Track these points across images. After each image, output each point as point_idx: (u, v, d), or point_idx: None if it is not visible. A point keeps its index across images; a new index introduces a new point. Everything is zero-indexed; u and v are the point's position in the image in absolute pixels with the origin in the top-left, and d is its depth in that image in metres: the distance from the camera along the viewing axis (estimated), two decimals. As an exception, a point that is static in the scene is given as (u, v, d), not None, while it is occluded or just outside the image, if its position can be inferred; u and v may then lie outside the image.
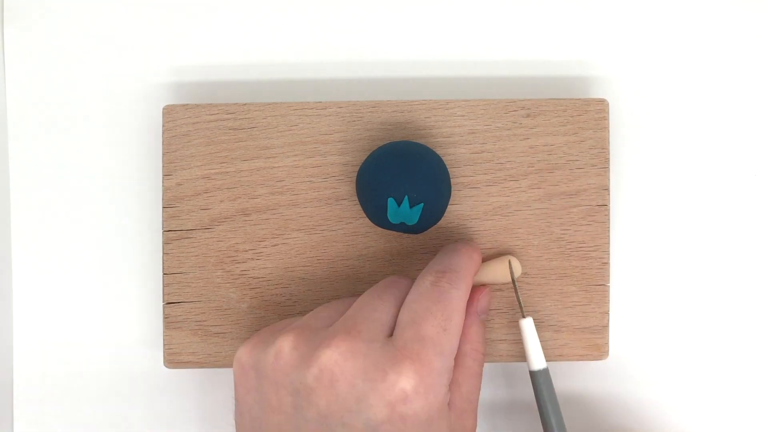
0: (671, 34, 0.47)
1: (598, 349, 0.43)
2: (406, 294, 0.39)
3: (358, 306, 0.38)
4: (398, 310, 0.38)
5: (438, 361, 0.36)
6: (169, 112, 0.44)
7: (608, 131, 0.44)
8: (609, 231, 0.44)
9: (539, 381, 0.41)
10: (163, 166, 0.44)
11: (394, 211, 0.40)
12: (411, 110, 0.44)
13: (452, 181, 0.43)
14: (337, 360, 0.36)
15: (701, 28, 0.47)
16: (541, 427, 0.43)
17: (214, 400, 0.46)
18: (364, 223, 0.44)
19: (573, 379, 0.46)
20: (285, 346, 0.37)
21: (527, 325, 0.42)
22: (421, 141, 0.44)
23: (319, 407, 0.36)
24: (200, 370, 0.46)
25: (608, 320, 0.43)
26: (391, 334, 0.37)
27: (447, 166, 0.42)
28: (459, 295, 0.38)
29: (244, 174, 0.44)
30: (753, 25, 0.47)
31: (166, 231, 0.44)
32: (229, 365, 0.43)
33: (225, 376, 0.46)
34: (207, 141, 0.44)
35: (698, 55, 0.47)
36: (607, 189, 0.44)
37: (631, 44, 0.47)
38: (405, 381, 0.35)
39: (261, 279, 0.44)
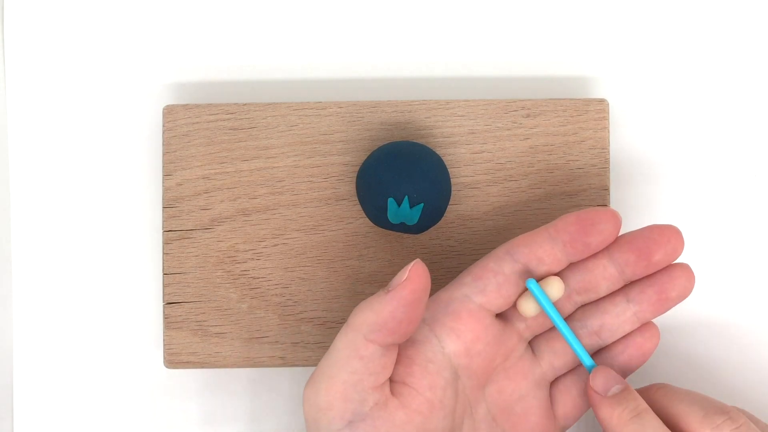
0: (671, 34, 0.47)
1: (598, 349, 0.43)
2: None
3: None
4: None
5: None
6: (169, 112, 0.44)
7: (608, 131, 0.44)
8: (609, 231, 0.43)
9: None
10: (163, 166, 0.44)
11: (394, 211, 0.40)
12: (411, 110, 0.44)
13: (452, 181, 0.43)
14: None
15: (701, 28, 0.47)
16: None
17: (214, 400, 0.46)
18: (364, 223, 0.44)
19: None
20: None
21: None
22: (421, 141, 0.44)
23: None
24: (200, 370, 0.46)
25: (608, 320, 0.43)
26: None
27: (447, 166, 0.42)
28: None
29: (244, 174, 0.44)
30: (753, 25, 0.47)
31: (166, 231, 0.44)
32: (229, 365, 0.43)
33: (225, 377, 0.46)
34: (207, 141, 0.44)
35: (698, 56, 0.47)
36: (607, 189, 0.44)
37: (631, 44, 0.47)
38: None
39: (261, 279, 0.44)
